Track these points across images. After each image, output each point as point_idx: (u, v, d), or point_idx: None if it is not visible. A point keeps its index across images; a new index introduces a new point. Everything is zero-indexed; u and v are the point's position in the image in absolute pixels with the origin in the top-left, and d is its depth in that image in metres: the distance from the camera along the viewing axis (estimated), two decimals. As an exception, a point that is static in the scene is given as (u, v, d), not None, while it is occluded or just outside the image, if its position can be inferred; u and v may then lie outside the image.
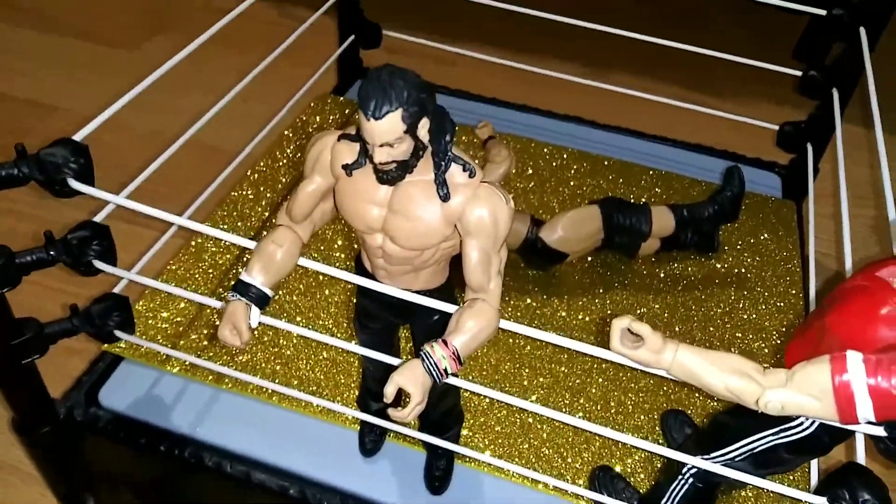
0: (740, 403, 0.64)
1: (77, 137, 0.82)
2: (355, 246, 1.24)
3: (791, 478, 0.98)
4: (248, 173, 1.38)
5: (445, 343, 0.66)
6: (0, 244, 0.81)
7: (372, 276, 0.76)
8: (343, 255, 1.25)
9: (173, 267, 1.19)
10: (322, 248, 1.25)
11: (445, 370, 0.66)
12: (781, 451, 0.73)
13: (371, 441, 0.98)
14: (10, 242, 0.81)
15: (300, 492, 0.94)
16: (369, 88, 0.59)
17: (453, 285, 0.78)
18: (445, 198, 0.64)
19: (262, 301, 0.71)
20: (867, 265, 0.66)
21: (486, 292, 0.68)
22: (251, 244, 0.75)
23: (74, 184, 0.77)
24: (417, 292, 0.74)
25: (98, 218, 0.90)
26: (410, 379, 0.65)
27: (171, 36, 2.23)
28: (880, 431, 0.65)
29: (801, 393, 0.61)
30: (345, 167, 0.67)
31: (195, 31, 2.15)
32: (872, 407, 0.59)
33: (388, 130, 0.59)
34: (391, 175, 0.64)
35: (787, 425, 0.71)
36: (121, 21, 2.31)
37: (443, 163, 0.64)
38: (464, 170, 0.65)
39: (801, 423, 0.70)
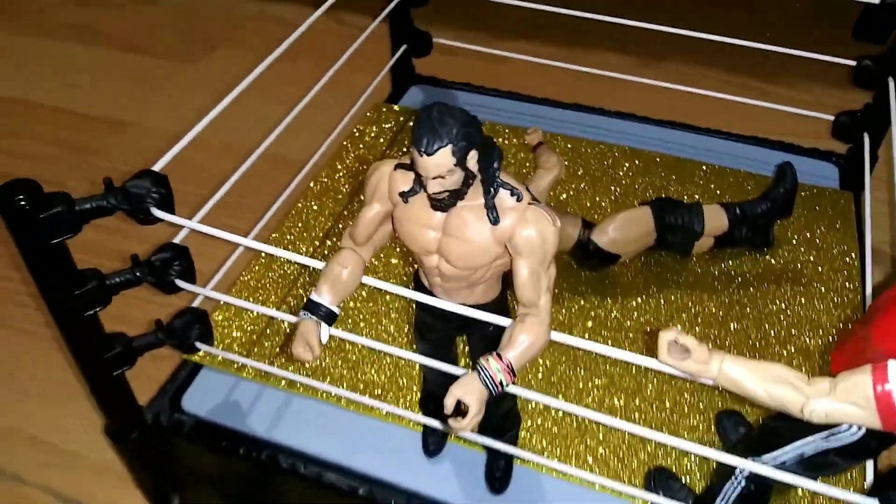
0: (785, 413, 0.66)
1: (160, 163, 0.89)
2: (410, 260, 1.29)
3: (847, 477, 0.99)
4: (312, 184, 1.44)
5: (500, 357, 0.70)
6: (92, 267, 0.89)
7: (429, 292, 0.80)
8: (399, 263, 1.30)
9: (246, 278, 1.27)
10: (381, 256, 1.31)
11: (501, 382, 0.70)
12: (831, 454, 0.75)
13: (434, 443, 1.04)
14: (97, 262, 0.89)
15: (368, 492, 1.00)
16: (421, 127, 0.64)
17: (507, 298, 0.82)
18: (495, 221, 0.69)
19: (330, 318, 0.77)
20: (911, 275, 0.68)
21: (537, 308, 0.72)
22: (310, 262, 0.81)
23: (157, 212, 0.84)
24: (473, 306, 0.78)
25: (177, 239, 0.97)
26: (468, 391, 0.69)
27: (228, 48, 2.32)
28: (928, 436, 0.67)
29: (844, 402, 0.64)
30: (401, 195, 0.72)
31: (251, 42, 2.23)
32: (915, 415, 0.61)
33: (439, 164, 0.64)
34: (444, 203, 0.68)
35: (835, 430, 0.73)
36: (176, 34, 2.41)
37: (491, 189, 0.68)
38: (511, 194, 0.69)
39: (850, 428, 0.72)
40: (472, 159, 0.66)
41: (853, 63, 1.37)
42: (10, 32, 2.41)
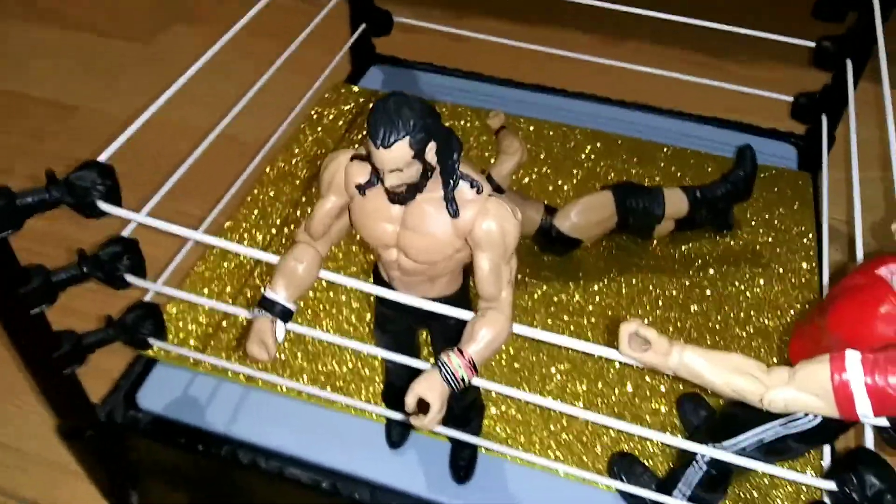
0: (744, 402, 0.66)
1: (107, 153, 0.86)
2: (371, 251, 1.27)
3: (805, 459, 1.00)
4: (268, 170, 1.41)
5: (461, 352, 0.69)
6: (36, 264, 0.85)
7: (389, 285, 0.79)
8: (359, 251, 1.28)
9: (200, 268, 1.23)
10: (341, 243, 1.28)
11: (462, 378, 0.69)
12: (789, 440, 0.76)
13: (397, 434, 1.03)
14: (41, 251, 0.85)
15: (332, 485, 0.99)
16: (377, 119, 0.61)
17: (468, 290, 0.81)
18: (455, 214, 0.67)
19: (286, 315, 0.74)
20: (867, 262, 0.68)
21: (498, 301, 0.70)
22: (264, 256, 0.79)
23: (103, 205, 0.81)
24: (434, 299, 0.77)
25: (126, 231, 0.93)
26: (429, 389, 0.68)
27: (181, 27, 2.24)
28: (884, 422, 0.68)
29: (802, 391, 0.64)
30: (358, 187, 0.69)
31: (206, 20, 2.17)
32: (871, 405, 0.61)
33: (397, 157, 0.62)
34: (402, 197, 0.66)
35: (793, 416, 0.74)
36: (133, 14, 2.33)
37: (451, 181, 0.66)
38: (471, 186, 0.67)
39: (808, 415, 0.73)
40: (431, 151, 0.64)
41: (812, 44, 1.38)
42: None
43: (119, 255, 0.89)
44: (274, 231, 1.31)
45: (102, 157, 0.84)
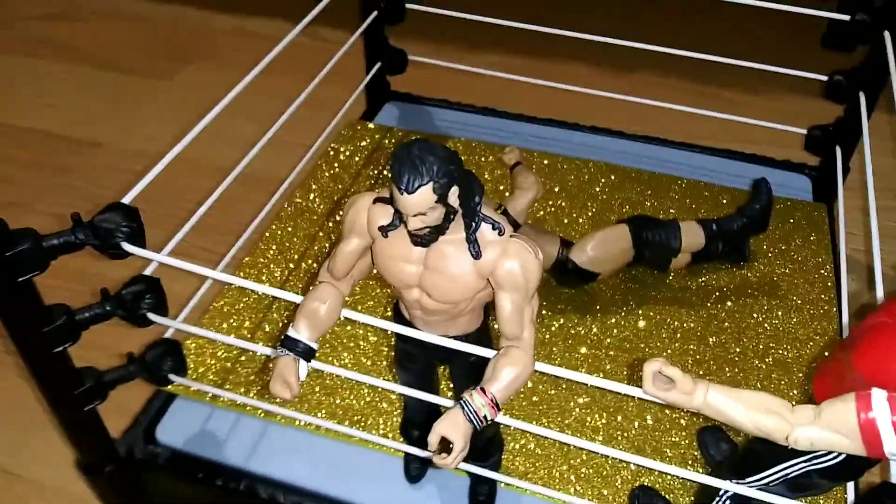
0: (770, 440, 0.66)
1: (132, 194, 0.87)
2: (389, 290, 1.27)
3: (830, 495, 0.99)
4: (286, 205, 1.43)
5: (484, 391, 0.69)
6: (60, 303, 0.87)
7: (410, 323, 0.79)
8: (377, 285, 1.29)
9: (219, 304, 1.24)
10: (358, 287, 1.29)
11: (485, 417, 0.69)
12: (815, 476, 0.75)
13: (416, 468, 1.02)
14: (64, 286, 0.86)
15: (351, 520, 0.98)
16: (401, 165, 0.63)
17: (489, 327, 0.81)
18: (477, 255, 0.68)
19: (308, 354, 0.75)
20: (890, 300, 0.68)
21: (521, 340, 0.71)
22: (280, 293, 0.81)
23: (127, 247, 0.82)
24: (455, 337, 0.77)
25: (148, 270, 0.95)
26: (452, 427, 0.68)
27: (202, 64, 2.28)
28: (911, 460, 0.67)
29: (828, 430, 0.64)
30: (381, 229, 0.70)
31: (225, 57, 2.20)
32: (899, 443, 0.61)
33: (420, 202, 0.63)
34: (425, 239, 0.67)
35: (818, 453, 0.73)
36: (149, 50, 2.37)
37: (473, 223, 0.67)
38: (493, 228, 0.68)
39: (833, 451, 0.72)
40: (454, 195, 0.65)
41: (824, 78, 1.39)
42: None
43: (141, 293, 0.90)
44: (292, 266, 1.32)
45: (127, 199, 0.86)
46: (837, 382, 0.69)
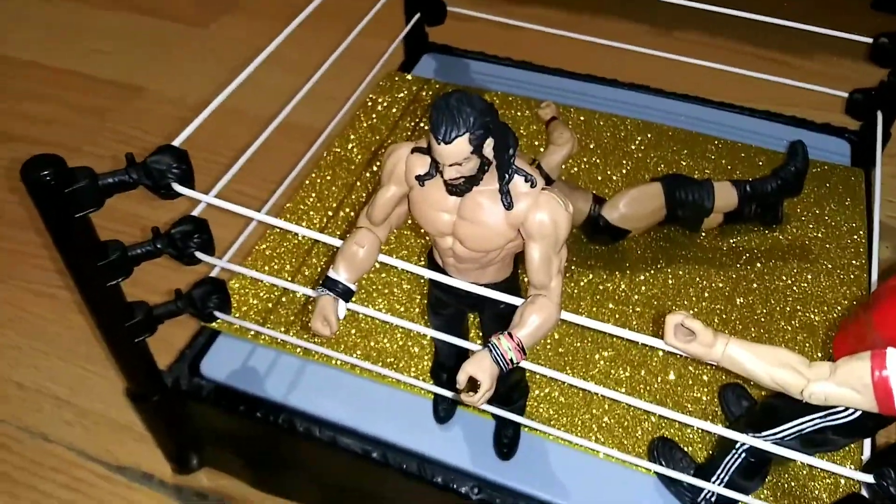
0: (786, 394, 0.69)
1: (180, 138, 0.91)
2: (423, 231, 1.31)
3: (847, 452, 1.02)
4: (325, 154, 1.46)
5: (511, 336, 0.73)
6: (114, 239, 0.92)
7: (443, 270, 0.83)
8: (412, 234, 1.32)
9: (261, 247, 1.29)
10: (392, 237, 1.33)
11: (511, 360, 0.73)
12: (828, 432, 0.78)
13: (444, 409, 1.07)
14: (112, 227, 0.91)
15: (382, 455, 1.04)
16: (439, 115, 0.65)
17: (518, 277, 0.85)
18: (509, 206, 0.71)
19: (347, 295, 0.79)
20: (914, 263, 0.69)
21: (548, 289, 0.74)
22: (320, 236, 0.85)
23: (177, 187, 0.87)
24: (485, 285, 0.81)
25: (196, 212, 0.99)
26: (480, 368, 0.72)
27: (237, 13, 2.31)
28: (923, 419, 0.70)
29: (843, 386, 0.66)
30: (418, 178, 0.73)
31: (259, 7, 2.22)
32: (910, 401, 0.63)
33: (456, 152, 0.66)
34: (460, 188, 0.70)
35: (833, 409, 0.76)
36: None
37: (506, 175, 0.70)
38: (525, 180, 0.70)
39: (847, 408, 0.75)
40: (489, 147, 0.68)
41: (869, 40, 1.37)
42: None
43: (190, 233, 0.95)
44: (330, 213, 1.36)
45: (176, 142, 0.90)
46: (857, 341, 0.71)
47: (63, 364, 1.41)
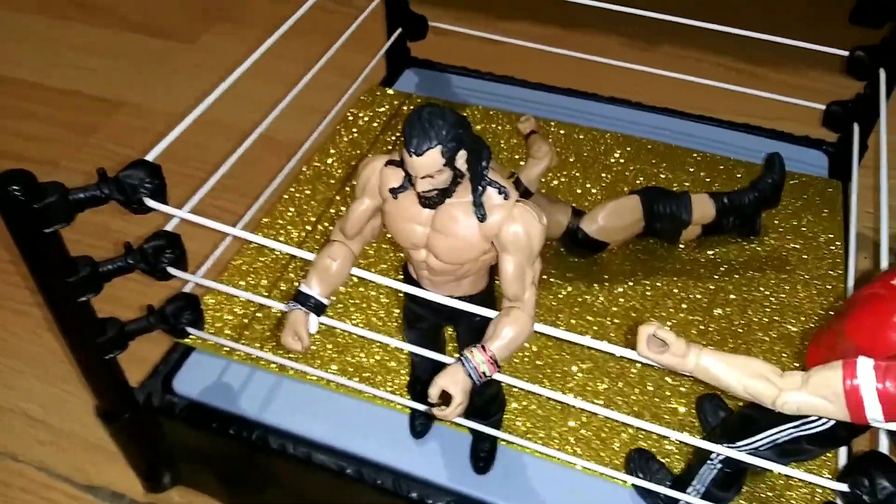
0: (759, 404, 0.69)
1: (155, 152, 0.90)
2: (401, 254, 1.30)
3: (823, 460, 1.02)
4: (304, 169, 1.45)
5: (484, 348, 0.72)
6: (84, 255, 0.90)
7: (418, 283, 0.82)
8: (390, 248, 1.32)
9: (237, 262, 1.28)
10: (373, 244, 1.32)
11: (484, 373, 0.72)
12: (803, 442, 0.78)
13: (420, 424, 1.06)
14: (85, 241, 0.90)
15: (357, 471, 1.03)
16: (412, 128, 0.65)
17: (493, 289, 0.84)
18: (482, 218, 0.70)
19: (319, 309, 0.79)
20: (884, 273, 0.70)
21: (522, 301, 0.74)
22: (297, 251, 0.84)
23: (149, 202, 0.86)
24: (460, 298, 0.80)
25: (169, 226, 0.98)
26: (452, 381, 0.72)
27: (225, 27, 2.31)
28: (895, 426, 0.69)
29: (815, 395, 0.66)
30: (391, 191, 0.73)
31: (248, 21, 2.22)
32: (881, 410, 0.63)
33: (428, 164, 0.66)
34: (433, 200, 0.70)
35: (806, 419, 0.76)
36: (175, 12, 2.40)
37: (480, 187, 0.70)
38: (499, 192, 0.70)
39: (821, 418, 0.75)
40: (461, 159, 0.68)
41: (846, 53, 1.38)
42: (5, 9, 2.39)
43: (162, 248, 0.94)
44: (309, 228, 1.35)
45: (150, 156, 0.89)
46: (829, 351, 0.71)
47: (36, 383, 1.38)
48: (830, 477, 0.82)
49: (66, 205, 0.81)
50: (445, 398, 0.71)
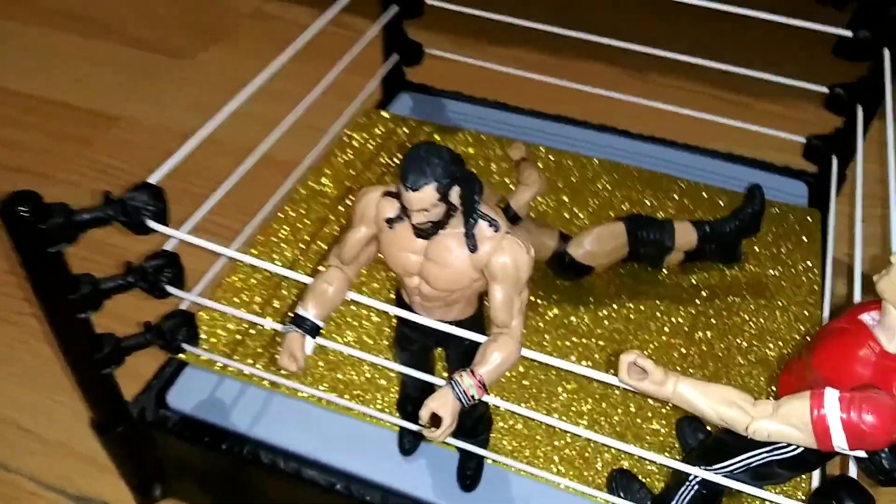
0: (732, 430, 0.72)
1: (158, 175, 0.93)
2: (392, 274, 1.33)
3: (798, 483, 1.05)
4: (300, 188, 1.49)
5: (473, 373, 0.76)
6: (85, 273, 0.93)
7: (410, 308, 0.86)
8: (382, 271, 1.35)
9: (232, 279, 1.31)
10: (364, 269, 1.35)
11: (473, 396, 0.76)
12: (774, 466, 0.82)
13: (409, 442, 1.09)
14: (87, 263, 0.93)
15: (345, 487, 1.05)
16: (409, 165, 0.69)
17: (482, 314, 0.88)
18: (473, 249, 0.74)
19: (314, 331, 0.82)
20: (851, 308, 0.74)
21: (510, 328, 0.77)
22: (289, 273, 0.88)
23: (152, 224, 0.89)
24: (450, 322, 0.83)
25: (168, 246, 1.01)
26: (442, 404, 0.75)
27: (224, 45, 2.34)
28: (861, 454, 0.73)
29: (784, 424, 0.70)
30: (387, 221, 0.77)
31: (247, 40, 2.25)
32: (846, 438, 0.67)
33: (423, 199, 0.70)
34: (427, 232, 0.74)
35: (777, 444, 0.79)
36: (175, 29, 2.43)
37: (471, 220, 0.73)
38: (490, 225, 0.74)
39: (791, 444, 0.78)
40: (455, 194, 0.72)
41: (826, 90, 1.43)
42: (5, 19, 2.41)
43: (162, 267, 0.96)
44: (303, 246, 1.38)
45: (154, 178, 0.92)
46: (798, 380, 0.75)
47: (28, 392, 1.40)
48: (804, 498, 0.86)
49: (70, 226, 0.84)
50: (435, 420, 0.74)
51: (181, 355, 1.15)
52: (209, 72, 2.20)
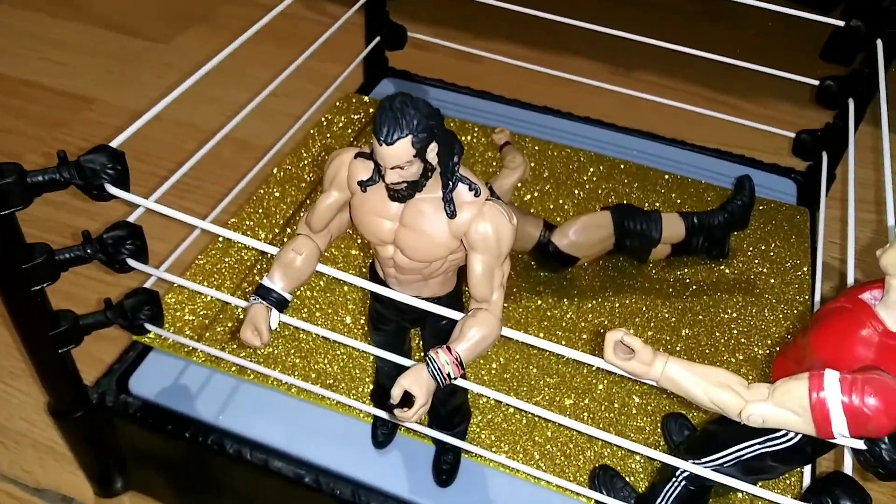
0: (725, 416, 0.68)
1: (119, 140, 0.88)
2: (371, 252, 1.29)
3: (787, 482, 1.01)
4: (275, 171, 1.43)
5: (449, 349, 0.71)
6: (40, 242, 0.87)
7: (385, 283, 0.80)
8: (359, 255, 1.30)
9: (201, 261, 1.25)
10: (342, 245, 1.30)
11: (449, 375, 0.71)
12: (767, 458, 0.77)
13: (383, 434, 1.04)
14: (47, 238, 0.87)
15: (315, 480, 1.00)
16: (382, 117, 0.64)
17: (462, 292, 0.83)
18: (452, 215, 0.69)
19: (281, 304, 0.76)
20: (851, 288, 0.70)
21: (489, 303, 0.72)
22: (266, 247, 0.81)
23: (111, 189, 0.83)
24: (427, 299, 0.78)
25: (132, 218, 0.95)
26: (415, 382, 0.70)
27: (201, 29, 2.29)
28: (860, 444, 0.69)
29: (781, 407, 0.65)
30: (360, 183, 0.72)
31: (224, 24, 2.21)
32: (846, 423, 0.62)
33: (398, 155, 0.64)
34: (402, 194, 0.69)
35: (772, 435, 0.75)
36: (152, 12, 2.38)
37: (450, 182, 0.68)
38: (469, 189, 0.69)
39: (786, 434, 0.74)
40: (432, 151, 0.66)
41: (816, 83, 1.41)
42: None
43: (123, 239, 0.91)
44: (276, 230, 1.33)
45: (114, 144, 0.86)
46: (795, 364, 0.70)
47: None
48: (795, 495, 0.82)
49: (23, 187, 0.79)
50: (408, 400, 0.69)
51: (145, 338, 1.09)
52: (187, 56, 2.15)
